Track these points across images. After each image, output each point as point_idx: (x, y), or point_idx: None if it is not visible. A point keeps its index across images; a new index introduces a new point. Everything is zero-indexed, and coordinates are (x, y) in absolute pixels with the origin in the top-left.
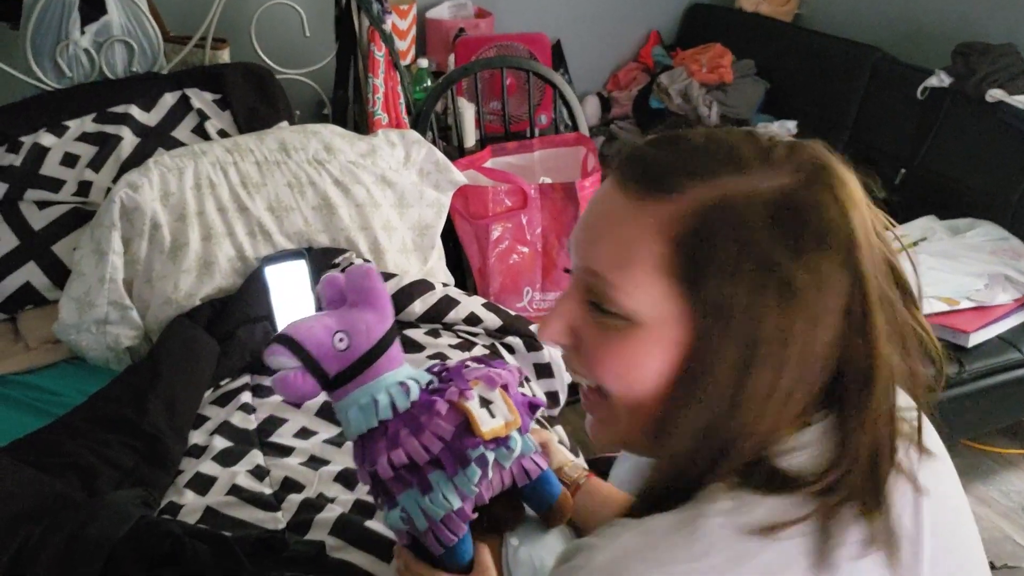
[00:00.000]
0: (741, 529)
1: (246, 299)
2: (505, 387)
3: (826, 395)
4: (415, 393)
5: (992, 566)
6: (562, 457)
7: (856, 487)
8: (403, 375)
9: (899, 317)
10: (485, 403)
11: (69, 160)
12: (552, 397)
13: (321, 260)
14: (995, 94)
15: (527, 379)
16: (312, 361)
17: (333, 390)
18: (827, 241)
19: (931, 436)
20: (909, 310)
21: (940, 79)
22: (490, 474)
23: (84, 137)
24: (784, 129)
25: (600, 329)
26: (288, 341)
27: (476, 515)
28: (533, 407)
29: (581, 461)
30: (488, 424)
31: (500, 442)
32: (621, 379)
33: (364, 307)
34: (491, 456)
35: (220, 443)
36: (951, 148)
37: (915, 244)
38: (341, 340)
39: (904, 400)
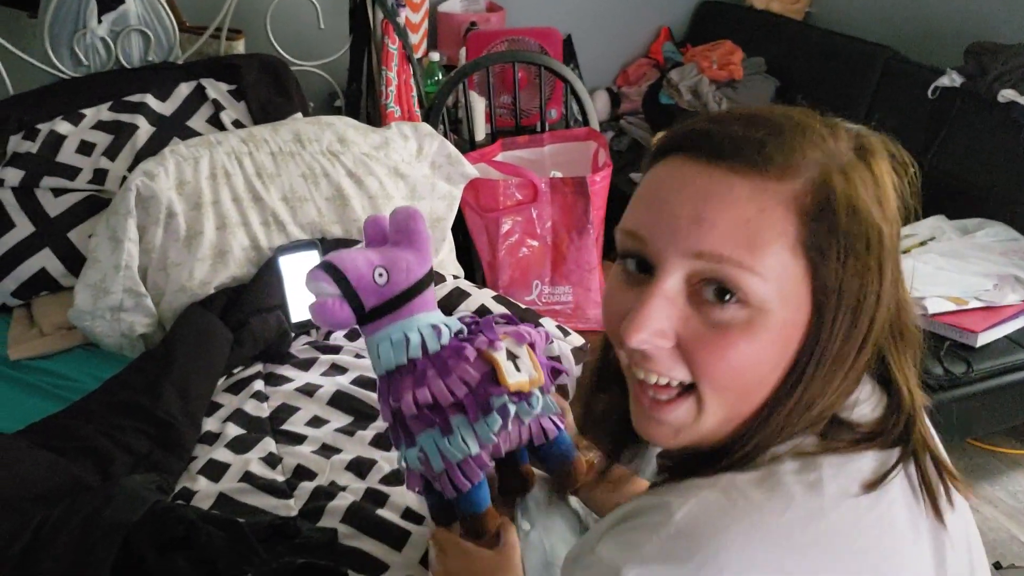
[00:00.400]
0: (813, 485)
1: (260, 288)
2: (532, 346)
3: None
4: (446, 337)
5: (998, 566)
6: (574, 430)
7: (917, 435)
8: (436, 319)
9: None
10: (512, 356)
11: (85, 148)
12: (560, 390)
13: (334, 251)
14: (1007, 94)
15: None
16: (351, 290)
17: (366, 324)
18: (889, 201)
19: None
20: None
21: (951, 79)
22: (509, 426)
23: (100, 125)
24: None
25: (713, 323)
26: (330, 268)
27: (493, 464)
28: (556, 372)
29: None
30: (514, 376)
31: (523, 396)
32: (739, 376)
33: (406, 247)
34: (513, 408)
35: (233, 430)
36: (962, 148)
37: (924, 243)
38: (381, 275)
39: None
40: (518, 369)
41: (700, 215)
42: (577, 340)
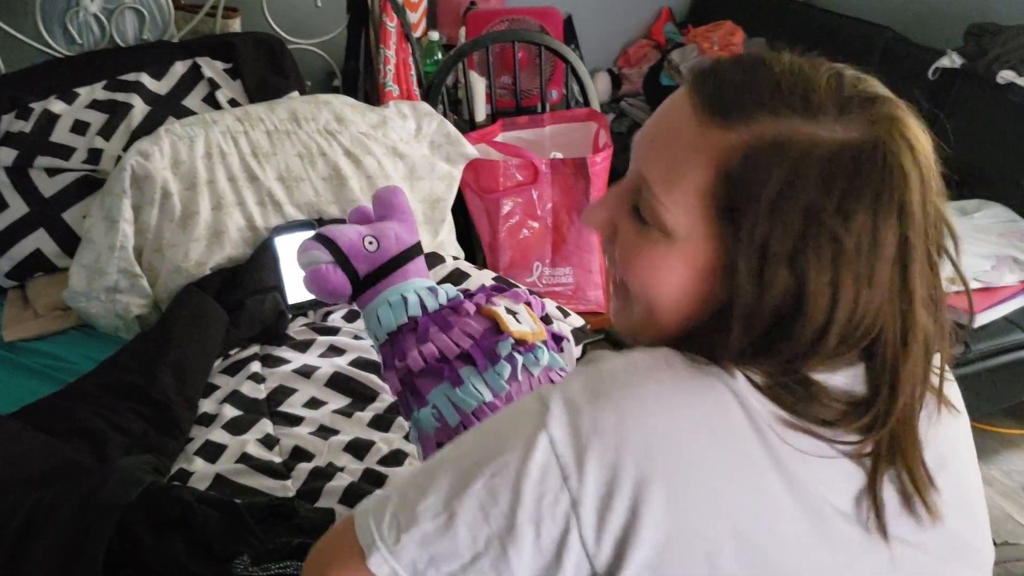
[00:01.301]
0: (738, 393)
1: (256, 269)
2: (529, 304)
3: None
4: (443, 297)
5: (992, 542)
6: None
7: (884, 444)
8: (431, 283)
9: (939, 283)
10: (511, 312)
11: (79, 127)
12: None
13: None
14: (1006, 75)
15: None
16: (343, 258)
17: (362, 293)
18: (881, 203)
19: (954, 394)
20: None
21: (952, 60)
22: (519, 375)
23: (94, 104)
24: None
25: (636, 230)
26: (320, 238)
27: None
28: (557, 338)
29: None
30: (516, 326)
31: (528, 348)
32: (643, 283)
33: (392, 219)
34: (520, 359)
35: (230, 412)
36: (961, 129)
37: None
38: (371, 243)
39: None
40: (519, 322)
41: (654, 140)
42: (577, 321)
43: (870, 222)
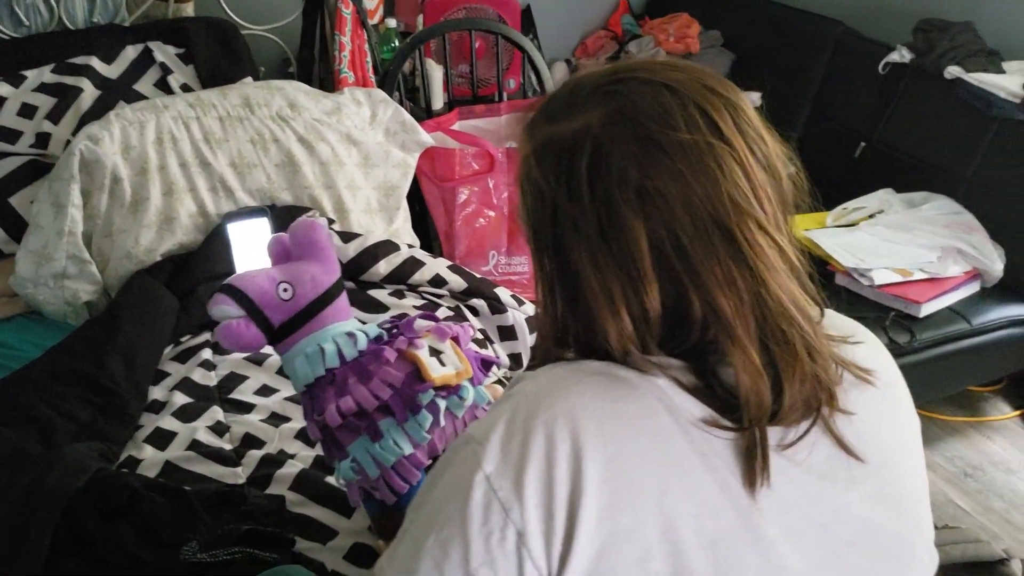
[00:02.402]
0: (656, 392)
1: (207, 256)
2: (456, 339)
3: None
4: (363, 343)
5: (934, 527)
6: None
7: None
8: (351, 327)
9: (788, 261)
10: (435, 353)
11: (27, 111)
12: (515, 359)
13: (284, 218)
14: (953, 71)
15: (490, 341)
16: (255, 309)
17: (279, 342)
18: (610, 186)
19: (873, 358)
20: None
21: (901, 55)
22: (442, 422)
23: (43, 88)
24: (748, 100)
25: None
26: (230, 290)
27: (430, 463)
28: (487, 363)
29: None
30: (438, 371)
31: (452, 391)
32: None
33: (309, 259)
34: (443, 404)
35: (180, 399)
36: (909, 123)
37: (872, 216)
38: (285, 290)
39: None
40: (443, 364)
41: None
42: (531, 309)
43: (604, 203)
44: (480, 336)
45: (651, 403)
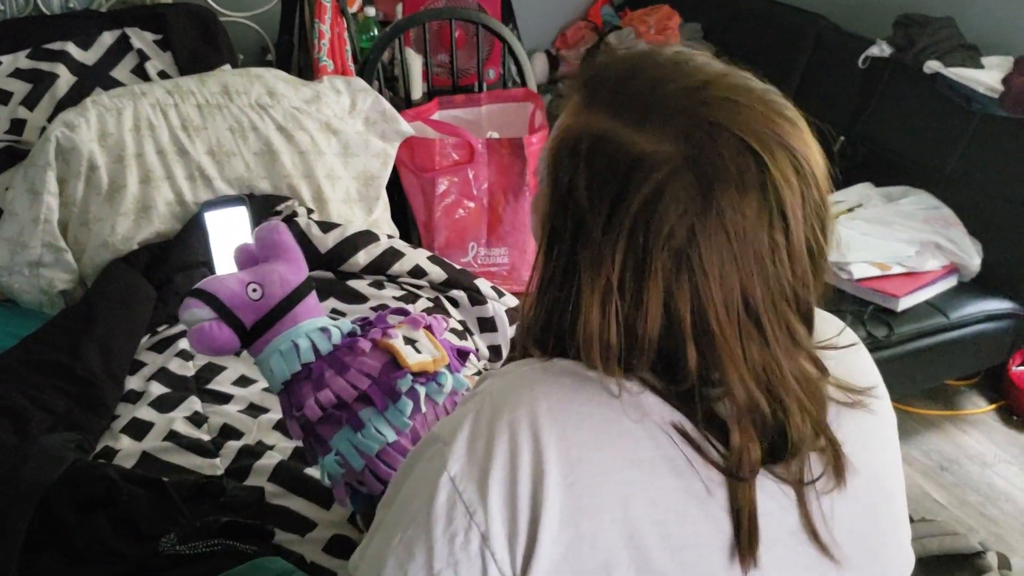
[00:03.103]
0: (624, 395)
1: (185, 245)
2: (430, 328)
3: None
4: (336, 337)
5: (910, 519)
6: None
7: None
8: (323, 323)
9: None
10: (410, 342)
11: (2, 97)
12: (495, 351)
13: (262, 207)
14: (932, 66)
15: (470, 332)
16: (226, 311)
17: (252, 343)
18: (652, 239)
19: (868, 374)
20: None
21: (881, 49)
22: (423, 408)
23: (17, 73)
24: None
25: None
26: (200, 294)
27: None
28: (462, 353)
29: None
30: (414, 358)
31: (430, 377)
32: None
33: (275, 260)
34: (422, 390)
35: (157, 389)
36: (889, 117)
37: (851, 210)
38: (255, 290)
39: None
40: (418, 352)
41: None
42: (512, 301)
43: (633, 257)
44: (458, 327)
45: (617, 406)
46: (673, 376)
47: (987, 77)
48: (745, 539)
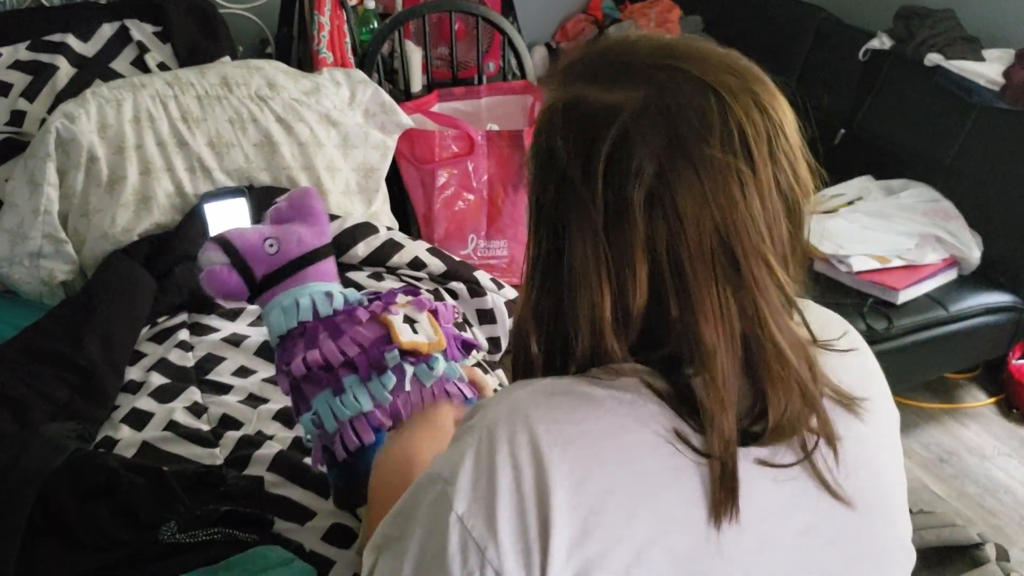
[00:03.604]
0: (623, 409)
1: (185, 236)
2: (434, 313)
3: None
4: (339, 302)
5: (909, 511)
6: None
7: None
8: (332, 287)
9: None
10: (410, 321)
11: (1, 89)
12: (494, 343)
13: (262, 198)
14: (933, 58)
15: (469, 324)
16: (240, 259)
17: (260, 294)
18: (625, 177)
19: (865, 380)
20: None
21: (881, 42)
22: (407, 386)
23: (17, 65)
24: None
25: None
26: (219, 239)
27: (391, 425)
28: (468, 345)
29: None
30: (408, 336)
31: (421, 358)
32: None
33: (299, 222)
34: (410, 370)
35: (157, 379)
36: (889, 110)
37: (851, 203)
38: (271, 245)
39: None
40: (415, 332)
41: None
42: (511, 293)
43: (617, 186)
44: (458, 319)
45: (617, 420)
46: (656, 343)
47: (988, 70)
48: (722, 506)
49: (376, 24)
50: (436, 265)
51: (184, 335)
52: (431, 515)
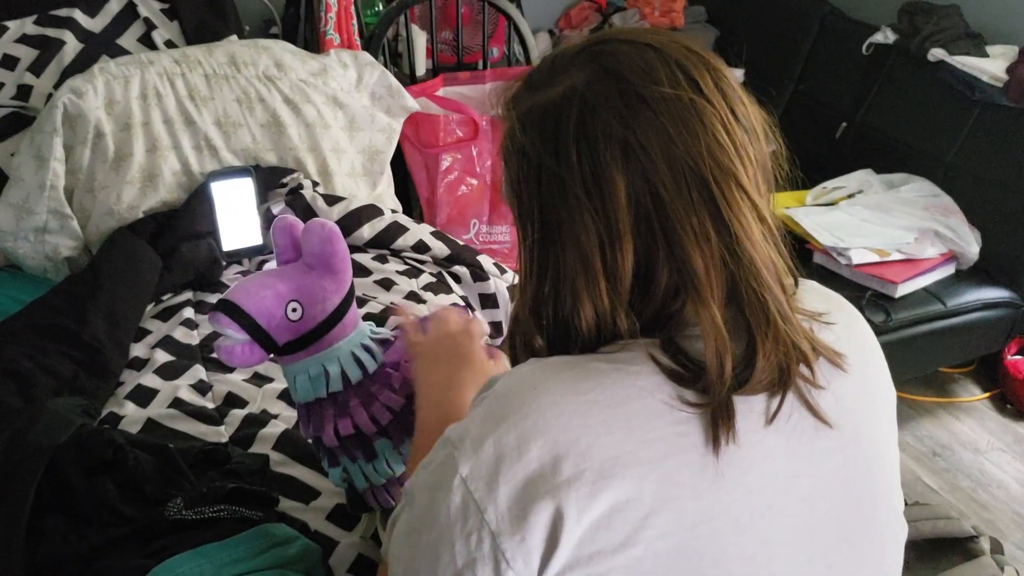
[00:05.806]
0: (628, 379)
1: (190, 214)
2: None
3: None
4: (369, 363)
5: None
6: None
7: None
8: (357, 341)
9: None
10: None
11: (8, 62)
12: (496, 327)
13: (268, 179)
14: (936, 54)
15: (472, 308)
16: (261, 332)
17: (282, 355)
18: (595, 142)
19: (847, 338)
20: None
21: (885, 36)
22: None
23: (24, 39)
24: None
25: None
26: (234, 311)
27: None
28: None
29: None
30: None
31: None
32: None
33: (323, 273)
34: None
35: (162, 357)
36: (892, 105)
37: (852, 196)
38: (295, 310)
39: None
40: None
41: None
42: (513, 278)
43: (588, 160)
44: (460, 303)
45: (623, 391)
46: (647, 307)
47: (991, 66)
48: (719, 435)
49: (381, 7)
50: (440, 248)
51: (189, 313)
52: (439, 475)
